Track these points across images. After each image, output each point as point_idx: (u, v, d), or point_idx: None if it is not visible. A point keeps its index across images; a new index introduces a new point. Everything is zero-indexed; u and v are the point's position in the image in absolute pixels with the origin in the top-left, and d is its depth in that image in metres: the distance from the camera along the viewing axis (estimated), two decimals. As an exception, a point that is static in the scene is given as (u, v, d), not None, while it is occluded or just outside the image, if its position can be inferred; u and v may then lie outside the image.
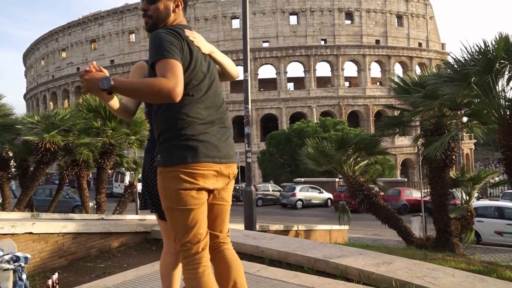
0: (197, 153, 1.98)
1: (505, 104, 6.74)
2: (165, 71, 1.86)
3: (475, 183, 10.40)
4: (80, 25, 59.41)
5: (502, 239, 15.06)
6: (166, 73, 1.85)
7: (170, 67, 1.87)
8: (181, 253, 2.04)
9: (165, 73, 1.85)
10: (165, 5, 2.15)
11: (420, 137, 10.34)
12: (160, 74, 1.87)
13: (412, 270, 3.33)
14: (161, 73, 1.87)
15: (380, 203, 10.38)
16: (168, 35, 1.97)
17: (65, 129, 11.97)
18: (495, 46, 6.40)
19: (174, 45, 1.95)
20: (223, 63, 2.31)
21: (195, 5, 51.88)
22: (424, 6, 55.00)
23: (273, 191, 31.44)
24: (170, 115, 2.00)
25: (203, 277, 1.99)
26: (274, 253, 4.15)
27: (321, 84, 52.18)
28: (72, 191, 25.21)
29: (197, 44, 2.11)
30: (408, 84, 9.48)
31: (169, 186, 1.99)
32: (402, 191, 26.70)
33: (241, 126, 56.69)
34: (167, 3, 2.16)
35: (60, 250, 4.33)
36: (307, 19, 50.55)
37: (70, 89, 59.33)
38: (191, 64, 2.02)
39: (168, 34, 1.98)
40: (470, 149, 56.02)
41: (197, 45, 2.10)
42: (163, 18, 2.16)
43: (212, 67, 2.19)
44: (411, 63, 52.18)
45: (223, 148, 2.07)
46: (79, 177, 13.36)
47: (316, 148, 10.86)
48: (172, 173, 1.98)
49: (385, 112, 42.96)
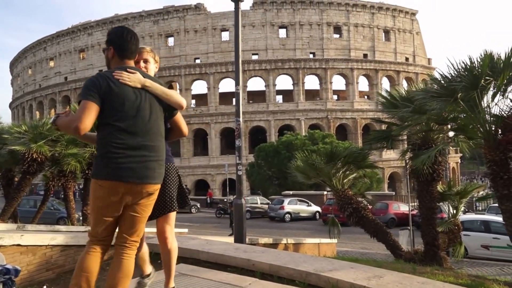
0: (102, 172, 2.53)
1: (490, 120, 6.90)
2: (79, 110, 2.47)
3: (462, 197, 10.54)
4: (69, 34, 59.11)
5: (489, 253, 15.20)
6: (80, 110, 2.46)
7: (82, 106, 2.47)
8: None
9: (80, 110, 2.46)
10: (106, 55, 2.76)
11: (408, 151, 10.47)
12: (77, 112, 2.47)
13: (402, 283, 3.36)
14: (78, 111, 2.48)
15: (369, 216, 10.42)
16: (90, 80, 2.58)
17: (52, 139, 11.85)
18: (480, 63, 6.57)
19: (90, 88, 2.52)
20: (157, 94, 2.68)
21: (185, 17, 52.16)
22: (411, 22, 56.20)
23: (261, 204, 31.37)
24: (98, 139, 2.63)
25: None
26: (265, 266, 4.13)
27: (310, 97, 52.66)
28: (57, 202, 24.80)
29: (124, 82, 2.57)
30: (396, 99, 9.63)
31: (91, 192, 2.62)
32: (390, 204, 26.86)
33: (228, 138, 56.83)
34: (107, 53, 2.75)
35: (48, 263, 4.26)
36: (296, 33, 51.19)
37: (57, 98, 58.77)
38: (107, 99, 2.53)
39: (91, 78, 2.59)
40: (456, 163, 56.85)
41: (123, 82, 2.57)
42: (107, 63, 2.77)
43: (143, 99, 2.62)
44: (398, 77, 53.06)
45: (138, 170, 2.53)
46: (66, 188, 13.21)
47: (305, 161, 10.90)
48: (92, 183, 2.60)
49: (373, 125, 43.48)
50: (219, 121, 49.90)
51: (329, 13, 51.88)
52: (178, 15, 52.48)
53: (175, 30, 52.34)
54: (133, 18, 54.33)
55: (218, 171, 47.34)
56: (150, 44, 53.10)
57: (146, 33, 53.09)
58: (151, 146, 2.58)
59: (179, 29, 52.23)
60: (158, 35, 52.92)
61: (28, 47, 65.37)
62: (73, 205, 13.49)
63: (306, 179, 11.18)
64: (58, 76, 59.56)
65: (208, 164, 48.79)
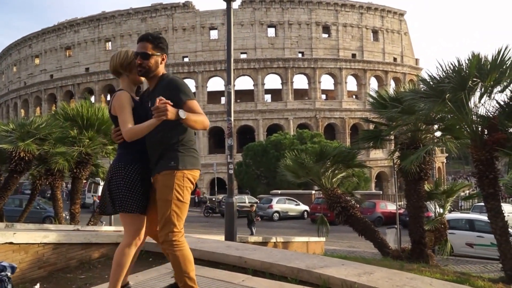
0: (193, 162, 2.92)
1: (477, 120, 7.06)
2: (198, 109, 2.81)
3: (449, 196, 10.76)
4: (55, 31, 58.20)
5: (473, 250, 15.51)
6: (200, 110, 2.82)
7: (198, 106, 2.84)
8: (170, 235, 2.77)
9: (200, 110, 2.81)
10: (156, 61, 2.90)
11: (396, 150, 10.63)
12: (196, 110, 2.78)
13: (392, 279, 3.44)
14: (197, 110, 2.79)
15: (357, 215, 10.57)
16: (185, 83, 2.91)
17: (40, 137, 11.64)
18: (468, 64, 6.73)
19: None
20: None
21: (173, 14, 51.86)
22: (399, 22, 56.80)
23: (249, 203, 31.37)
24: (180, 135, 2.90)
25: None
26: (257, 263, 4.17)
27: (298, 96, 52.85)
28: (43, 201, 24.46)
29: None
30: (385, 99, 9.78)
31: (180, 184, 2.80)
32: (377, 203, 27.13)
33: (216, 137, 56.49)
34: (158, 59, 2.91)
35: (40, 261, 4.24)
36: (285, 32, 51.30)
37: (43, 96, 57.86)
38: None
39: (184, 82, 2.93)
40: (442, 163, 57.66)
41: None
42: (153, 69, 2.90)
43: None
44: (386, 77, 53.57)
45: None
46: (53, 187, 13.01)
47: (295, 160, 11.00)
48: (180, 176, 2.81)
49: (361, 125, 43.85)
50: (207, 120, 49.80)
51: (318, 13, 52.11)
52: (166, 13, 52.13)
53: (163, 28, 51.95)
54: (121, 16, 53.79)
55: (206, 170, 47.12)
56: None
57: (134, 31, 52.60)
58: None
59: (167, 27, 51.89)
60: (146, 32, 52.57)
61: (13, 44, 64.33)
62: (61, 204, 13.32)
63: (295, 178, 11.28)
64: (44, 74, 58.67)
65: (196, 163, 48.55)
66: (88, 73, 54.59)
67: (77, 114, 11.86)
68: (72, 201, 12.96)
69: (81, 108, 12.22)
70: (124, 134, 2.77)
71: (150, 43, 2.87)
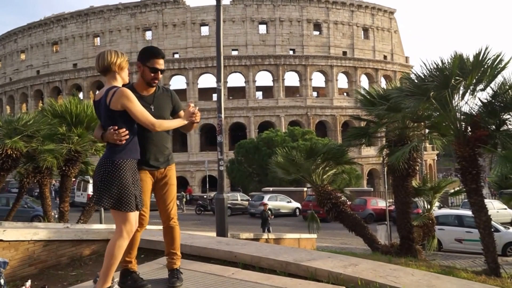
0: None
1: (460, 117, 7.24)
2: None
3: (436, 192, 10.95)
4: (42, 26, 57.02)
5: (462, 246, 15.77)
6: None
7: None
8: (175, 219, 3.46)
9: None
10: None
11: (384, 147, 10.79)
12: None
13: (376, 270, 3.58)
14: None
15: (347, 211, 10.72)
16: None
17: (28, 134, 11.46)
18: (451, 64, 6.89)
19: None
20: None
21: (163, 10, 51.46)
22: (389, 20, 57.16)
23: (241, 200, 31.46)
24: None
25: None
26: (247, 258, 4.27)
27: (290, 93, 52.96)
28: (31, 200, 24.10)
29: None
30: (373, 97, 9.92)
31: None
32: (368, 200, 27.38)
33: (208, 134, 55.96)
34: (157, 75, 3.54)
35: (31, 258, 4.24)
36: (276, 29, 51.34)
37: (29, 93, 56.78)
38: None
39: None
40: (433, 160, 58.22)
41: None
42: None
43: None
44: (376, 75, 53.91)
45: None
46: (42, 185, 12.80)
47: (286, 157, 11.11)
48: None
49: (352, 122, 44.06)
50: (198, 117, 49.53)
51: (309, 10, 52.23)
52: (156, 8, 51.63)
53: (153, 23, 51.55)
54: (109, 11, 53.04)
55: (197, 167, 47.10)
56: (127, 37, 52.23)
57: (123, 27, 52.15)
58: None
59: (157, 23, 51.50)
60: (135, 28, 51.92)
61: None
62: (49, 202, 13.12)
63: (286, 175, 11.39)
64: (30, 70, 57.53)
65: (187, 161, 48.41)
66: (76, 69, 53.75)
67: (65, 110, 11.72)
68: (61, 199, 12.81)
69: (69, 104, 12.06)
70: (153, 124, 3.03)
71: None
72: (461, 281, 3.52)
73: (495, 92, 7.37)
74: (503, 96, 7.35)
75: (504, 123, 7.64)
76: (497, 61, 6.97)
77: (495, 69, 6.99)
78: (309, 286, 3.38)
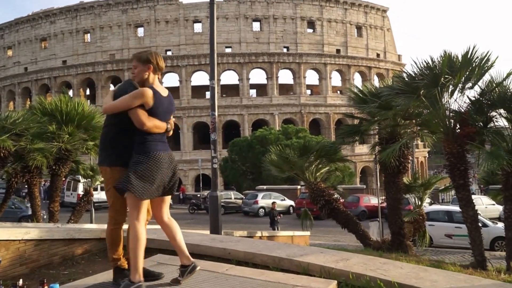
0: None
1: (449, 115, 7.40)
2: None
3: (426, 188, 11.13)
4: (29, 21, 56.12)
5: (452, 241, 16.03)
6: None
7: None
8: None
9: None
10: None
11: (376, 145, 10.93)
12: None
13: (366, 264, 3.69)
14: None
15: (340, 208, 10.84)
16: None
17: (17, 133, 11.08)
18: (440, 62, 7.04)
19: None
20: None
21: (156, 6, 51.05)
22: (382, 19, 57.43)
23: (235, 199, 31.49)
24: None
25: None
26: (240, 254, 4.34)
27: (283, 91, 53.04)
28: (19, 200, 23.72)
29: None
30: (365, 95, 10.04)
31: None
32: (361, 197, 27.60)
33: (201, 132, 55.57)
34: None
35: (22, 258, 4.20)
36: (270, 26, 51.33)
37: (16, 90, 55.93)
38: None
39: None
40: (424, 157, 58.68)
41: None
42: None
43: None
44: (369, 73, 54.18)
45: None
46: (31, 185, 12.56)
47: (279, 155, 11.19)
48: None
49: (346, 120, 44.29)
50: (191, 115, 49.35)
51: (303, 8, 52.30)
52: (148, 5, 51.13)
53: (145, 20, 51.09)
54: (100, 7, 52.42)
55: (190, 166, 46.93)
56: (118, 34, 51.77)
57: (114, 23, 51.63)
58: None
59: (149, 19, 51.06)
60: (127, 25, 51.39)
61: (-17, 34, 62.25)
62: (39, 202, 12.82)
63: (280, 173, 11.49)
64: (17, 66, 56.66)
65: (180, 159, 48.09)
66: (65, 66, 53.00)
67: (55, 108, 11.56)
68: (51, 199, 12.65)
69: (60, 102, 11.91)
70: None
71: None
72: (447, 273, 3.66)
73: (482, 90, 7.58)
74: (490, 94, 7.56)
75: (491, 120, 7.86)
76: (485, 60, 7.16)
77: (482, 67, 7.17)
78: (301, 281, 3.47)
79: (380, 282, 3.28)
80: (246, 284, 3.44)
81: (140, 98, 3.24)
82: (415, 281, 3.28)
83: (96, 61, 51.63)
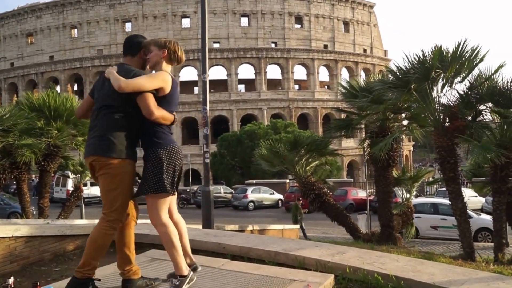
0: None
1: (439, 109, 7.49)
2: None
3: (414, 181, 11.30)
4: (15, 16, 55.01)
5: (437, 232, 16.35)
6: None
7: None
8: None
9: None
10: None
11: (366, 139, 11.03)
12: None
13: (362, 257, 3.72)
14: None
15: (330, 201, 10.94)
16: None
17: (4, 129, 11.04)
18: (431, 56, 7.11)
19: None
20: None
21: (143, 1, 50.53)
22: (369, 14, 57.73)
23: (224, 193, 31.53)
24: None
25: None
26: (236, 249, 4.32)
27: (272, 86, 53.05)
28: (7, 196, 23.46)
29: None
30: (356, 89, 10.11)
31: None
32: (349, 191, 27.84)
33: (190, 127, 55.38)
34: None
35: (12, 255, 4.13)
36: (258, 22, 51.22)
37: (3, 86, 54.96)
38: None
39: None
40: (409, 151, 59.46)
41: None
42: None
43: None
44: (356, 68, 54.48)
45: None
46: (19, 181, 12.36)
47: (270, 149, 11.22)
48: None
49: (333, 115, 44.53)
50: (180, 110, 49.01)
51: (291, 3, 52.25)
52: (136, 0, 50.72)
53: (132, 15, 50.56)
54: (87, 1, 51.60)
55: (180, 161, 46.73)
56: (105, 29, 51.12)
57: (102, 18, 50.93)
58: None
59: (137, 14, 50.55)
60: (114, 20, 50.76)
61: (-32, 30, 60.94)
62: (28, 198, 12.72)
63: (270, 167, 11.52)
64: (3, 62, 55.55)
65: (169, 154, 47.91)
66: (52, 62, 52.18)
67: (43, 104, 11.42)
68: (40, 195, 12.58)
69: (48, 98, 11.77)
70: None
71: None
72: (443, 265, 3.70)
73: (471, 84, 7.69)
74: (479, 88, 7.67)
75: (480, 114, 7.99)
76: (474, 54, 7.24)
77: (472, 62, 7.26)
78: (298, 275, 3.47)
79: (377, 276, 3.29)
80: (243, 279, 3.41)
81: (163, 81, 2.86)
82: (413, 274, 3.30)
83: (83, 56, 50.90)
